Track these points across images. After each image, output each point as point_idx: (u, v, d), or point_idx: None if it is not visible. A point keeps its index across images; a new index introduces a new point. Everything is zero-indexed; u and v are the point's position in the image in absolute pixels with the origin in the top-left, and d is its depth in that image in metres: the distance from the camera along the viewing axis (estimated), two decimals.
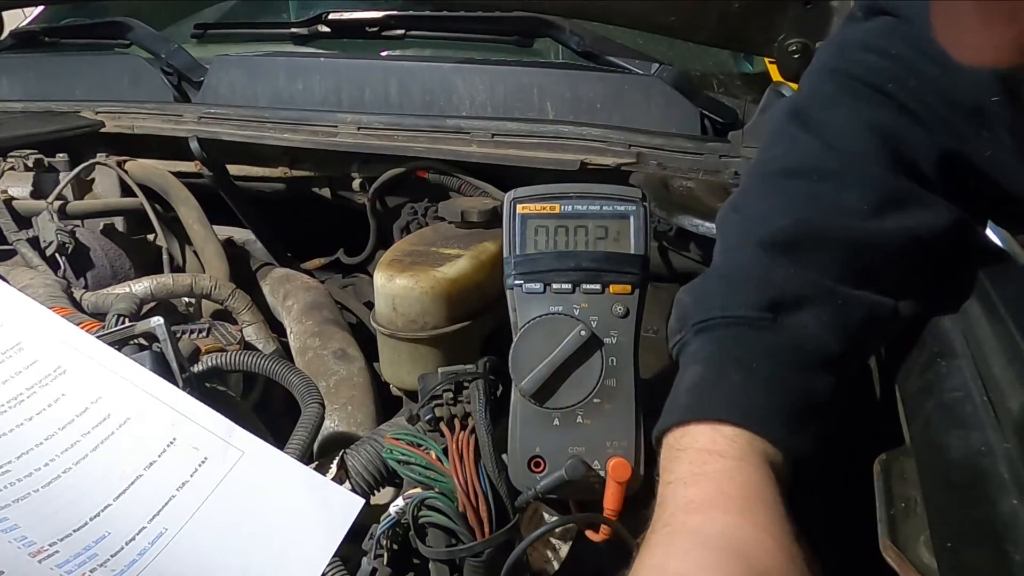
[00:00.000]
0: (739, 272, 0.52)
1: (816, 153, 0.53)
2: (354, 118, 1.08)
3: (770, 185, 0.55)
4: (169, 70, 1.29)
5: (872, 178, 0.51)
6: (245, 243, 1.27)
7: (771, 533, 0.42)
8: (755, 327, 0.49)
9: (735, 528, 0.42)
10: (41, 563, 0.46)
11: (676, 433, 0.48)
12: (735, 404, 0.47)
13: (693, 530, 0.42)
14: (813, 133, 0.54)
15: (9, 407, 0.57)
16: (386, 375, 0.82)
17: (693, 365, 0.50)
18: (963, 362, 0.46)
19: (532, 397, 0.57)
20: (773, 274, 0.50)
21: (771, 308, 0.49)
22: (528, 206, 0.59)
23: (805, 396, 0.48)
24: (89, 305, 0.83)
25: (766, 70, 1.17)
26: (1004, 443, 0.38)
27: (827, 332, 0.49)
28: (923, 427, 0.45)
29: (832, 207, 0.51)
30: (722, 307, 0.50)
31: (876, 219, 0.50)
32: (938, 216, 0.51)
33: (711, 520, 0.42)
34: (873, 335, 0.52)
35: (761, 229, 0.52)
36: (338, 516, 0.55)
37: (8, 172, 1.10)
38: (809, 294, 0.49)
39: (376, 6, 1.31)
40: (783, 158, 0.56)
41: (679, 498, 0.45)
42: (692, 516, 0.43)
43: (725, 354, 0.49)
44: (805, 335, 0.49)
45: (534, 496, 0.58)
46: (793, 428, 0.47)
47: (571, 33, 1.15)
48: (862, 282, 0.50)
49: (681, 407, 0.49)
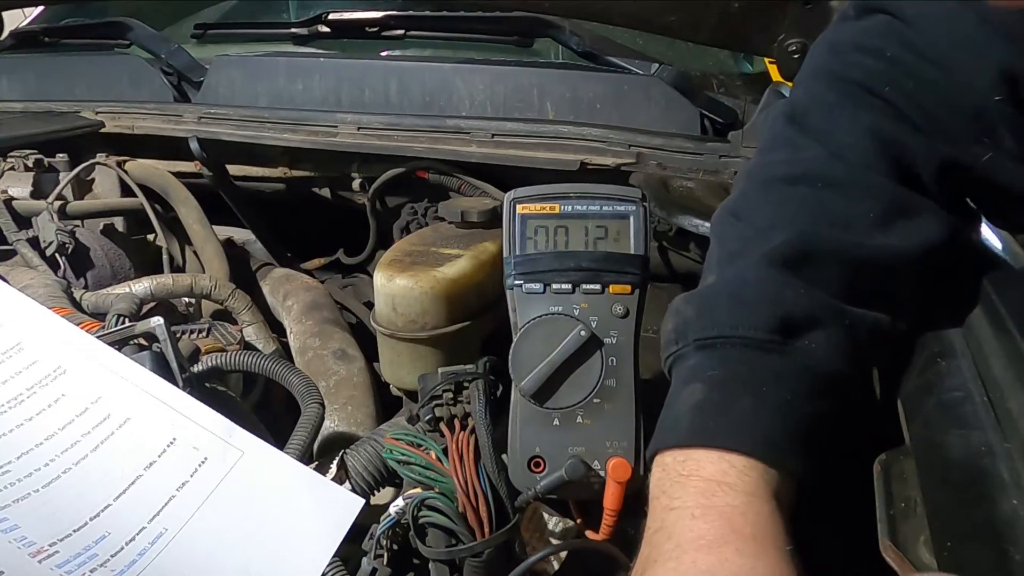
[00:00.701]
0: (746, 288, 0.50)
1: (819, 161, 0.53)
2: (354, 118, 1.08)
3: (773, 192, 0.54)
4: (169, 70, 1.29)
5: (876, 188, 0.51)
6: (245, 243, 1.27)
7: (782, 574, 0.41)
8: (764, 349, 0.47)
9: (748, 571, 0.40)
10: (41, 563, 0.46)
11: (677, 455, 0.47)
12: (746, 432, 0.45)
13: (705, 572, 0.41)
14: (814, 139, 0.54)
15: (9, 407, 0.57)
16: (386, 375, 0.82)
17: (694, 383, 0.48)
18: (963, 362, 0.46)
19: (532, 397, 0.57)
20: (782, 294, 0.49)
21: (780, 330, 0.47)
22: (528, 206, 0.59)
23: (815, 422, 0.47)
24: (89, 305, 0.83)
25: (766, 70, 1.17)
26: (1004, 443, 0.38)
27: (836, 355, 0.48)
28: (923, 427, 0.45)
29: (838, 219, 0.50)
30: (730, 325, 0.49)
31: (881, 232, 0.50)
32: (939, 226, 0.51)
33: (723, 561, 0.41)
34: (876, 353, 0.51)
35: (766, 242, 0.51)
36: (338, 516, 0.55)
37: (8, 172, 1.10)
38: (818, 315, 0.48)
39: (376, 6, 1.31)
40: (785, 164, 0.55)
41: (687, 531, 0.43)
42: (703, 555, 0.41)
43: (733, 376, 0.48)
44: (815, 359, 0.47)
45: (534, 496, 0.58)
46: (803, 455, 0.46)
47: (571, 33, 1.15)
48: (866, 300, 0.49)
49: (684, 428, 0.47)
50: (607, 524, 0.56)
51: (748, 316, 0.48)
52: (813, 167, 0.53)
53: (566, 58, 1.26)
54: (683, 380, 0.50)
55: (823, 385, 0.47)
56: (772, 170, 0.55)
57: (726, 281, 0.52)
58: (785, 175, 0.54)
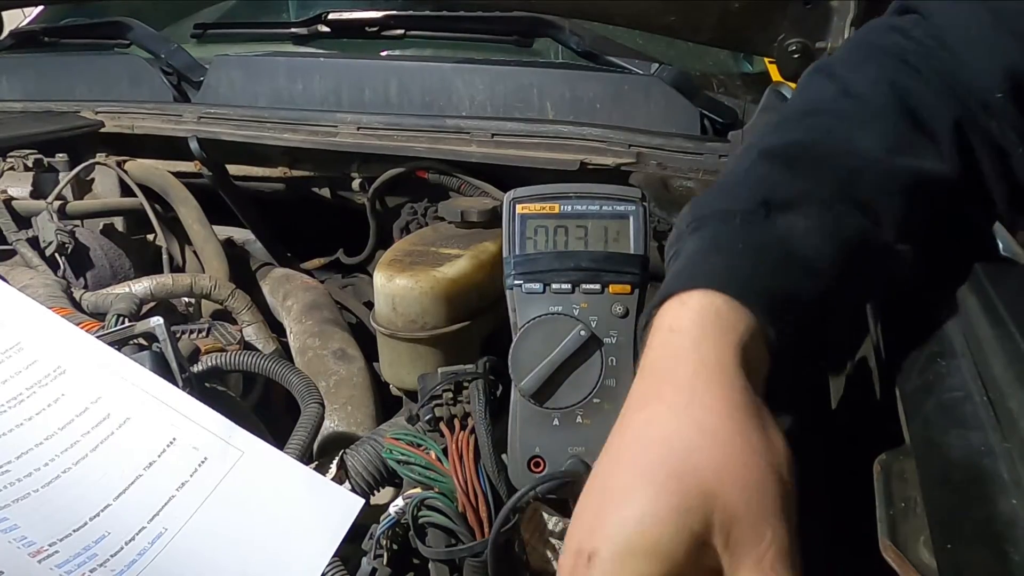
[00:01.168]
0: (735, 177, 0.50)
1: (835, 98, 0.53)
2: (354, 118, 1.08)
3: (784, 121, 0.55)
4: (169, 70, 1.29)
5: (887, 124, 0.51)
6: (245, 243, 1.27)
7: (718, 426, 0.38)
8: (744, 220, 0.46)
9: (672, 424, 0.38)
10: (41, 563, 0.46)
11: (650, 323, 0.45)
12: (706, 274, 0.43)
13: (634, 435, 0.40)
14: (835, 83, 0.55)
15: (9, 407, 0.57)
16: (386, 375, 0.82)
17: (676, 260, 0.47)
18: (963, 362, 0.46)
19: (532, 397, 0.57)
20: (770, 177, 0.48)
21: (763, 205, 0.46)
22: (527, 206, 0.59)
23: (788, 285, 0.44)
24: (89, 305, 0.83)
25: (766, 70, 1.17)
26: (1004, 443, 0.38)
27: (817, 236, 0.46)
28: (923, 427, 0.45)
29: (843, 141, 0.50)
30: (713, 206, 0.48)
31: (886, 157, 0.50)
32: (947, 165, 0.50)
33: (649, 420, 0.39)
34: (866, 264, 0.49)
35: (764, 142, 0.51)
36: (338, 516, 0.55)
37: (8, 172, 1.10)
38: (802, 200, 0.47)
39: (376, 6, 1.31)
40: (801, 102, 0.56)
41: (632, 394, 0.42)
42: (633, 414, 0.40)
43: (711, 245, 0.46)
44: (793, 233, 0.46)
45: (534, 496, 0.58)
46: (772, 305, 0.43)
47: (571, 33, 1.15)
48: (859, 208, 0.48)
49: (655, 297, 0.46)
50: None
51: (734, 196, 0.48)
52: (828, 103, 0.53)
53: (566, 58, 1.26)
54: (670, 266, 0.49)
55: (801, 260, 0.45)
56: (788, 108, 0.57)
57: (719, 178, 0.53)
58: (799, 109, 0.55)
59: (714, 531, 0.36)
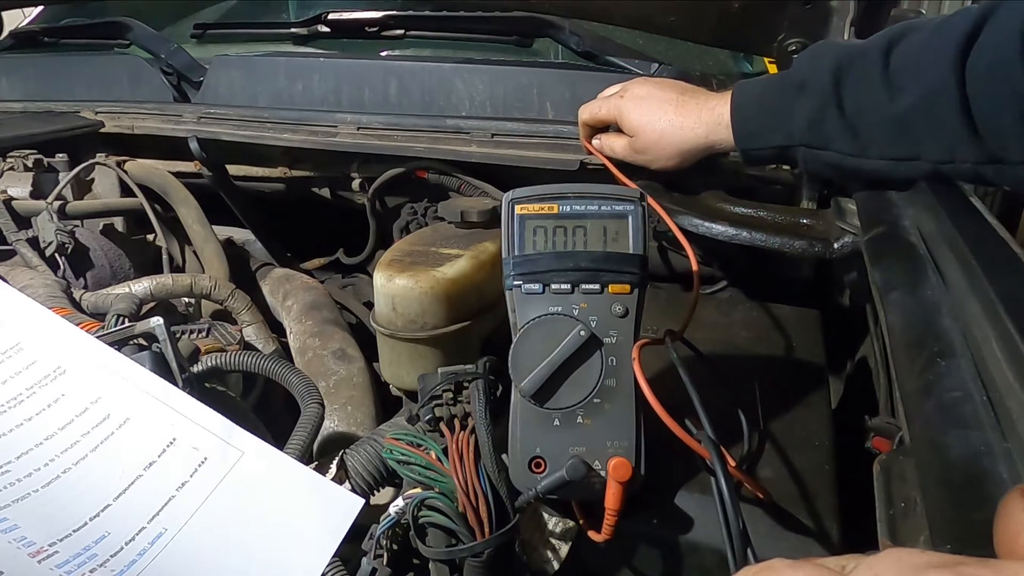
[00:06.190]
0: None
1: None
2: (354, 118, 1.08)
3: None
4: (169, 70, 1.29)
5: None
6: (245, 243, 1.27)
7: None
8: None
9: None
10: (41, 563, 0.46)
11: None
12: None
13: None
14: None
15: (9, 407, 0.57)
16: (386, 375, 0.82)
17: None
18: (963, 362, 0.46)
19: (532, 397, 0.57)
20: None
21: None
22: (526, 206, 0.59)
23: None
24: (89, 305, 0.83)
25: (766, 70, 1.17)
26: (1004, 443, 0.38)
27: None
28: (923, 427, 0.45)
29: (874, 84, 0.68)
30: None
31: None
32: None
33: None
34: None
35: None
36: (338, 516, 0.55)
37: (8, 172, 1.10)
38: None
39: (376, 6, 1.31)
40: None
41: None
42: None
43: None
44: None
45: (534, 496, 0.58)
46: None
47: (571, 33, 1.15)
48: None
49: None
50: (608, 524, 0.56)
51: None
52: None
53: (566, 58, 1.26)
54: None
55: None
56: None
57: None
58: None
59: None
